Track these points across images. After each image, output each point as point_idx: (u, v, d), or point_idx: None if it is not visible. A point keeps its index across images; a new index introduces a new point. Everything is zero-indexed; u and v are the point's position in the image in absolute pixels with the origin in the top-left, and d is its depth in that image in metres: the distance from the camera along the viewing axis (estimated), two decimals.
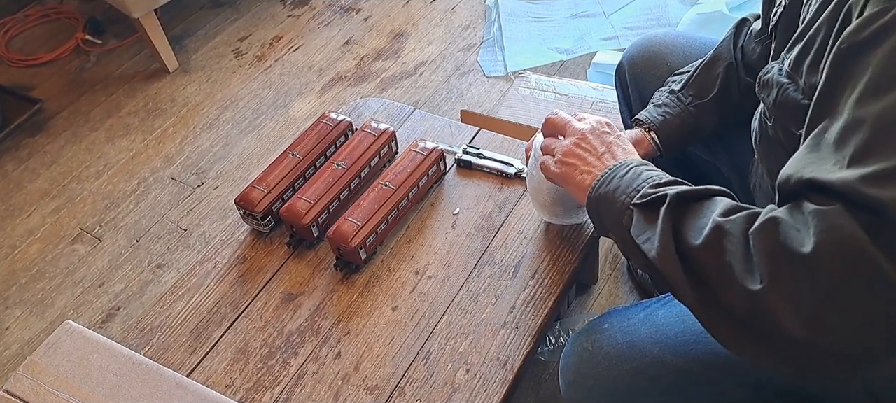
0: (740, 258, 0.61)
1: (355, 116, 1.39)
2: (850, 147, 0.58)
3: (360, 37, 2.31)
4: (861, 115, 0.58)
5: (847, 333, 0.56)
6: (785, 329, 0.58)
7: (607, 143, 0.86)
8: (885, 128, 0.56)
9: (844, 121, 0.59)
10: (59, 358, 0.96)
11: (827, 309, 0.56)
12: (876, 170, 0.55)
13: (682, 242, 0.67)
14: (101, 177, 1.97)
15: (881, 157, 0.56)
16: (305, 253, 1.18)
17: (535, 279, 1.08)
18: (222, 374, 1.04)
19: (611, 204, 0.78)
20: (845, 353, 0.57)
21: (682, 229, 0.67)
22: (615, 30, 2.13)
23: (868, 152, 0.56)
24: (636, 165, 0.80)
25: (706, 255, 0.64)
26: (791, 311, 0.57)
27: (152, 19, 2.16)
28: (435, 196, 1.23)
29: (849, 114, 0.59)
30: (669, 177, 0.76)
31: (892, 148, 0.56)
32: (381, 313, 1.07)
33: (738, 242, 0.62)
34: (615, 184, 0.79)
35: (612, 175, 0.80)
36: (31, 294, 1.70)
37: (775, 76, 0.76)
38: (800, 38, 0.73)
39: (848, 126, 0.59)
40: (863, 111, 0.58)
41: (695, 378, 0.84)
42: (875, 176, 0.55)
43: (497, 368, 0.99)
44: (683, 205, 0.69)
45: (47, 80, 2.32)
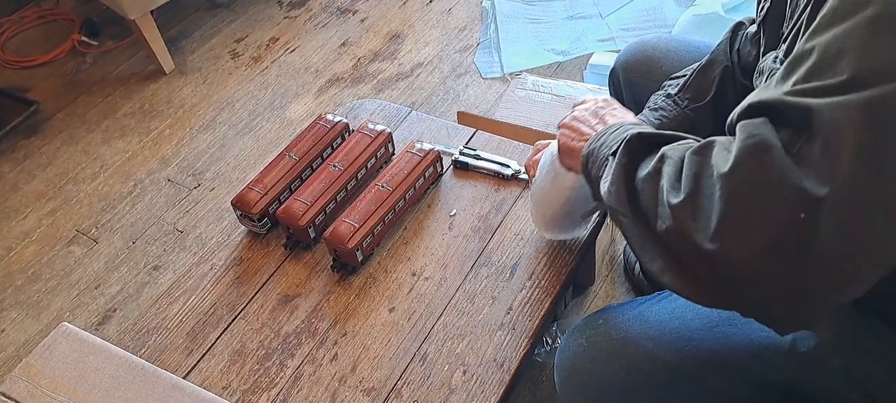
0: (672, 177, 0.61)
1: (352, 118, 1.39)
2: (794, 75, 0.58)
3: (356, 38, 2.31)
4: (809, 46, 0.58)
5: (753, 246, 0.55)
6: (696, 243, 0.57)
7: (601, 115, 0.87)
8: (830, 54, 0.56)
9: (795, 53, 0.59)
10: (55, 360, 0.96)
11: (735, 221, 0.55)
12: (811, 86, 0.56)
13: (633, 177, 0.67)
14: (97, 179, 1.97)
15: (820, 77, 0.55)
16: (302, 254, 1.18)
17: (532, 280, 1.08)
18: (219, 376, 1.04)
19: (596, 160, 0.78)
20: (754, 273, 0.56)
21: (636, 166, 0.67)
22: (611, 31, 2.14)
23: (810, 75, 0.56)
24: (630, 123, 0.80)
25: (646, 182, 0.64)
26: (702, 224, 0.57)
27: (148, 21, 2.16)
28: (432, 197, 1.23)
29: (799, 47, 0.59)
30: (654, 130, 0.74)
31: (832, 70, 0.55)
32: (378, 314, 1.07)
33: (675, 164, 0.62)
34: (602, 141, 0.79)
35: (602, 134, 0.80)
36: (27, 296, 1.70)
37: (769, 63, 0.77)
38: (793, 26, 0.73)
39: (795, 58, 0.59)
40: (812, 42, 0.58)
41: (689, 374, 0.84)
42: (809, 89, 0.55)
43: (494, 369, 0.99)
44: (644, 145, 0.69)
45: (43, 82, 2.32)
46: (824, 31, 0.58)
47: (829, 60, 0.56)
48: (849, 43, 0.55)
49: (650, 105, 1.05)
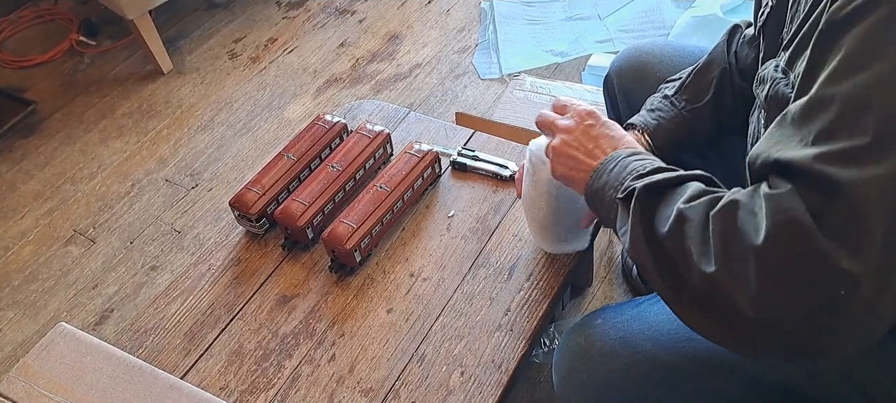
0: (699, 241, 0.62)
1: (350, 118, 1.39)
2: (815, 124, 0.58)
3: (354, 39, 2.31)
4: (830, 93, 0.58)
5: (794, 314, 0.57)
6: (738, 308, 0.59)
7: (594, 138, 0.86)
8: (852, 107, 0.56)
9: (812, 98, 0.60)
10: (53, 361, 0.96)
11: (774, 290, 0.57)
12: (837, 149, 0.56)
13: (651, 232, 0.68)
14: (94, 179, 1.97)
15: (844, 137, 0.56)
16: (300, 255, 1.18)
17: (530, 281, 1.08)
18: (216, 376, 1.04)
19: (602, 201, 0.80)
20: (796, 334, 0.58)
21: (652, 219, 0.69)
22: (610, 32, 2.14)
23: (833, 131, 0.57)
24: (624, 157, 0.80)
25: (670, 242, 0.66)
26: (742, 292, 0.58)
27: (147, 21, 2.16)
28: (430, 198, 1.23)
29: (817, 92, 0.59)
30: (653, 165, 0.76)
31: (856, 128, 0.56)
32: (376, 315, 1.07)
33: (698, 227, 0.63)
34: (603, 180, 0.79)
35: (602, 171, 0.81)
36: (24, 296, 1.69)
37: (770, 72, 0.76)
38: (792, 38, 0.73)
39: (815, 104, 0.59)
40: (832, 89, 0.58)
41: (686, 374, 0.84)
42: (835, 154, 0.56)
43: (492, 370, 0.99)
44: (652, 196, 0.70)
45: (41, 82, 2.31)
46: (844, 79, 0.57)
47: (852, 116, 0.56)
48: (871, 97, 0.56)
49: (647, 107, 1.05)
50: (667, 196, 0.69)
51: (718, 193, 0.65)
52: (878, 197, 0.54)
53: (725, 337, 0.64)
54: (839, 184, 0.55)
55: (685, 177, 0.71)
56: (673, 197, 0.68)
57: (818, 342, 0.59)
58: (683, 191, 0.68)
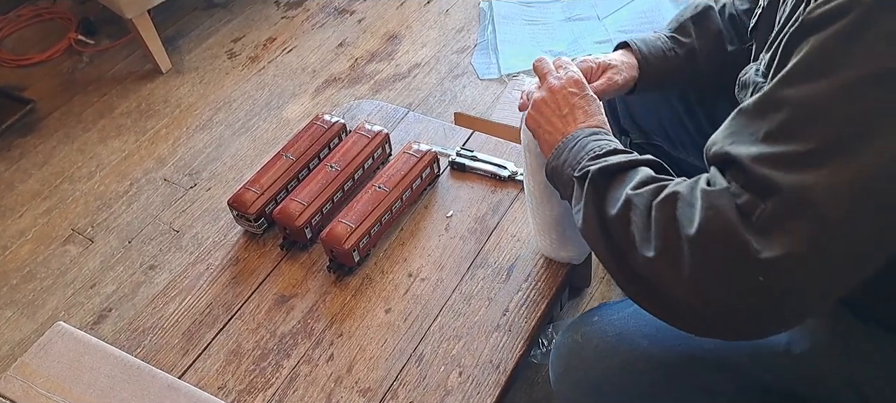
0: (642, 228, 0.67)
1: (349, 118, 1.39)
2: (765, 124, 0.61)
3: (353, 38, 2.31)
4: (784, 95, 0.60)
5: (724, 302, 0.62)
6: (672, 291, 0.64)
7: (571, 105, 0.88)
8: (801, 114, 0.59)
9: (766, 95, 0.62)
10: (51, 360, 0.96)
11: (704, 280, 0.62)
12: (778, 152, 0.59)
13: (602, 213, 0.73)
14: (93, 178, 1.96)
15: (788, 141, 0.59)
16: (298, 254, 1.18)
17: (529, 282, 1.08)
18: (215, 376, 1.04)
19: (561, 177, 0.84)
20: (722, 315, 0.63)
21: (604, 201, 0.73)
22: (609, 33, 2.14)
23: (779, 134, 0.60)
24: (585, 136, 0.83)
25: (617, 225, 0.70)
26: (676, 276, 0.63)
27: (145, 20, 2.16)
28: (428, 198, 1.23)
29: (772, 90, 0.61)
30: (609, 146, 0.79)
31: (800, 134, 0.58)
32: (374, 315, 1.07)
33: (643, 213, 0.67)
34: (563, 157, 0.83)
35: (563, 147, 0.84)
36: (22, 295, 1.69)
37: (752, 76, 0.77)
38: (773, 40, 0.74)
39: (768, 102, 0.61)
40: (786, 91, 0.60)
41: (682, 372, 0.84)
42: (776, 157, 0.59)
43: (490, 371, 0.99)
44: (605, 178, 0.74)
45: (39, 81, 2.31)
46: (799, 83, 0.60)
47: (800, 123, 0.59)
48: (819, 107, 0.58)
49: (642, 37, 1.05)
50: (618, 179, 0.73)
51: (664, 182, 0.69)
52: (806, 202, 0.57)
53: (664, 315, 0.69)
54: (774, 187, 0.58)
55: (637, 161, 0.75)
56: (624, 181, 0.72)
57: (742, 324, 0.63)
58: (633, 176, 0.72)
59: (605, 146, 0.80)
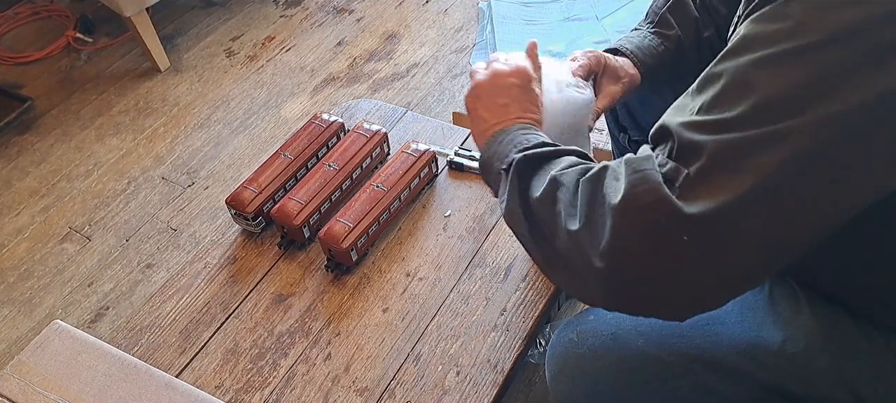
0: (568, 204, 0.65)
1: (347, 117, 1.39)
2: (701, 97, 0.61)
3: (352, 38, 2.31)
4: (719, 69, 0.61)
5: (649, 268, 0.60)
6: (592, 263, 0.62)
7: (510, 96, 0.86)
8: (735, 83, 0.59)
9: (708, 71, 0.63)
10: (48, 358, 0.96)
11: (624, 243, 0.60)
12: (708, 120, 0.59)
13: (525, 197, 0.71)
14: (90, 177, 1.96)
15: (718, 109, 0.59)
16: (296, 254, 1.17)
17: (526, 281, 1.08)
18: (212, 375, 1.04)
19: (490, 172, 0.83)
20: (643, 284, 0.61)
21: (528, 186, 0.72)
22: (607, 34, 2.14)
23: (713, 103, 0.60)
24: (514, 130, 0.82)
25: (541, 205, 0.69)
26: (596, 245, 0.61)
27: (144, 18, 2.16)
28: (426, 198, 1.23)
29: (711, 67, 0.62)
30: (537, 140, 0.78)
31: (731, 102, 0.58)
32: (372, 314, 1.07)
33: (570, 190, 0.66)
34: (493, 150, 0.82)
35: (493, 142, 0.83)
36: (19, 293, 1.69)
37: None
38: None
39: (708, 77, 0.62)
40: (723, 65, 0.61)
41: (678, 371, 0.84)
42: (705, 123, 0.59)
43: (487, 370, 0.99)
44: (530, 165, 0.73)
45: (37, 79, 2.31)
46: (734, 57, 0.60)
47: (734, 92, 0.59)
48: (752, 76, 0.58)
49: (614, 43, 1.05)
50: (543, 166, 0.72)
51: (592, 164, 0.68)
52: (731, 159, 0.57)
53: (583, 292, 0.68)
54: (699, 148, 0.58)
55: (563, 150, 0.74)
56: (549, 166, 0.71)
57: (666, 293, 0.61)
58: (559, 162, 0.71)
59: (533, 139, 0.78)
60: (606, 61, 0.99)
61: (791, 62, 0.57)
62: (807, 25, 0.57)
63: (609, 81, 0.99)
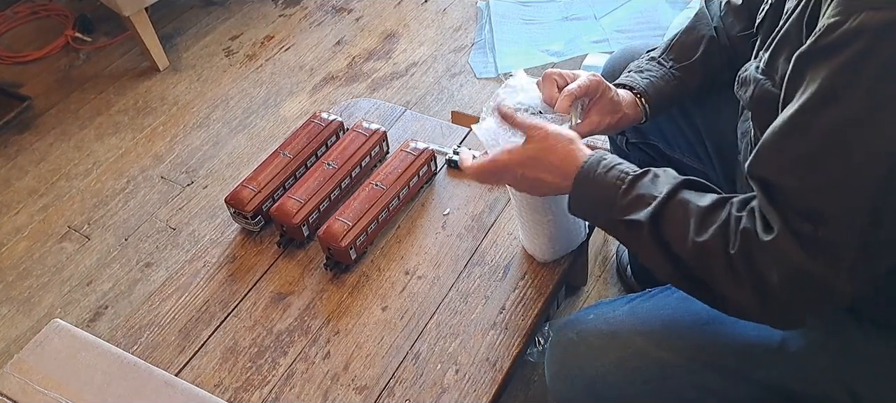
0: (728, 275, 0.72)
1: (346, 116, 1.39)
2: (795, 148, 0.67)
3: (351, 37, 2.31)
4: (807, 121, 0.65)
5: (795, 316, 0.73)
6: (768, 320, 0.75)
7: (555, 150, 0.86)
8: (827, 140, 0.64)
9: (795, 123, 0.66)
10: (47, 357, 0.96)
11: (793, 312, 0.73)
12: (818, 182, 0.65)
13: (670, 254, 0.76)
14: (89, 176, 1.96)
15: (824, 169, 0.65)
16: (295, 252, 1.18)
17: (525, 280, 1.08)
18: (211, 373, 1.04)
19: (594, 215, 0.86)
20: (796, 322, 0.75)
21: (669, 247, 0.76)
22: (606, 33, 2.14)
23: (813, 161, 0.66)
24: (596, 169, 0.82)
25: (694, 264, 0.75)
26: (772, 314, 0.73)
27: (143, 17, 2.15)
28: (425, 196, 1.23)
29: (798, 117, 0.66)
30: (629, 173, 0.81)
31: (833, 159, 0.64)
32: (371, 313, 1.08)
33: (723, 263, 0.72)
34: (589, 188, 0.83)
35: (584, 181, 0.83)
36: (18, 292, 1.69)
37: (752, 73, 0.78)
38: (774, 39, 0.74)
39: (797, 129, 0.66)
40: (809, 118, 0.65)
41: (676, 369, 0.85)
42: (818, 186, 0.66)
43: (486, 369, 0.99)
44: (658, 223, 0.77)
45: (36, 78, 2.31)
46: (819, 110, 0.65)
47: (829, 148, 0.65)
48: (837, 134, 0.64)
49: (633, 69, 1.04)
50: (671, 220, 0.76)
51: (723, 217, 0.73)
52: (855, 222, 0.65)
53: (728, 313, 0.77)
54: (825, 215, 0.65)
55: (673, 190, 0.77)
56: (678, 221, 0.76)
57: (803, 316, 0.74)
58: (685, 213, 0.75)
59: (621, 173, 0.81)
60: (604, 90, 0.96)
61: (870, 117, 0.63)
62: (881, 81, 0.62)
63: (599, 111, 0.97)
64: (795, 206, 0.67)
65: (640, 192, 0.78)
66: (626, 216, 0.78)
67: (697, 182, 0.79)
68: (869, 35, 0.60)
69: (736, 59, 0.96)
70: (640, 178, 0.79)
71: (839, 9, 0.62)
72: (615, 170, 0.81)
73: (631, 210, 0.78)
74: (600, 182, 0.81)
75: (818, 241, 0.66)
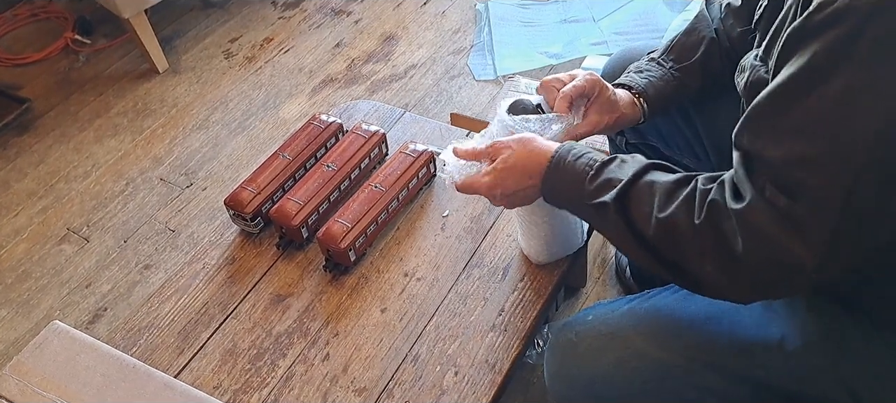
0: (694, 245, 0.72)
1: (346, 118, 1.39)
2: (782, 122, 0.67)
3: (350, 39, 2.31)
4: (796, 94, 0.65)
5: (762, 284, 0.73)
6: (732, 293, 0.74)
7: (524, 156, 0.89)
8: (814, 115, 0.64)
9: (784, 95, 0.67)
10: (46, 359, 0.96)
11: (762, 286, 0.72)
12: (801, 154, 0.65)
13: (640, 238, 0.77)
14: (88, 178, 1.96)
15: (808, 142, 0.65)
16: (295, 254, 1.18)
17: (524, 282, 1.08)
18: (210, 375, 1.04)
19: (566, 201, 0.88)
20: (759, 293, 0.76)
21: (633, 222, 0.77)
22: (604, 35, 2.14)
23: (798, 134, 0.66)
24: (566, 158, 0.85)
25: (663, 245, 0.75)
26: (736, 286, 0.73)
27: (142, 19, 2.16)
28: (424, 198, 1.23)
29: (787, 90, 0.67)
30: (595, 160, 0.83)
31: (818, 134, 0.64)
32: (370, 315, 1.08)
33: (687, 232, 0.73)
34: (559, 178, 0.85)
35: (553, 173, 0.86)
36: (17, 294, 1.69)
37: (750, 61, 0.79)
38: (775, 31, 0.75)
39: (784, 101, 0.67)
40: (799, 91, 0.65)
41: (676, 370, 0.85)
42: (799, 160, 0.65)
43: (485, 371, 0.99)
44: (624, 203, 0.78)
45: (35, 80, 2.31)
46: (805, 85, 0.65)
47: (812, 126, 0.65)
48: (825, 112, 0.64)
49: (633, 70, 1.05)
50: (636, 201, 0.77)
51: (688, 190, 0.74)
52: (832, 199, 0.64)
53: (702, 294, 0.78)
54: (802, 188, 0.65)
55: (639, 171, 0.78)
56: (643, 200, 0.76)
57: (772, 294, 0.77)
58: (650, 192, 0.76)
59: (589, 161, 0.83)
60: (601, 89, 0.97)
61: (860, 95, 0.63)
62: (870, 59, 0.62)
63: (598, 111, 0.98)
64: (774, 177, 0.67)
65: (607, 177, 0.80)
66: (594, 200, 0.80)
67: (664, 165, 0.80)
68: (860, 13, 0.61)
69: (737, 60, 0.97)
70: (608, 164, 0.82)
71: None
72: (584, 158, 0.84)
73: (598, 194, 0.80)
74: (570, 169, 0.84)
75: (791, 215, 0.66)
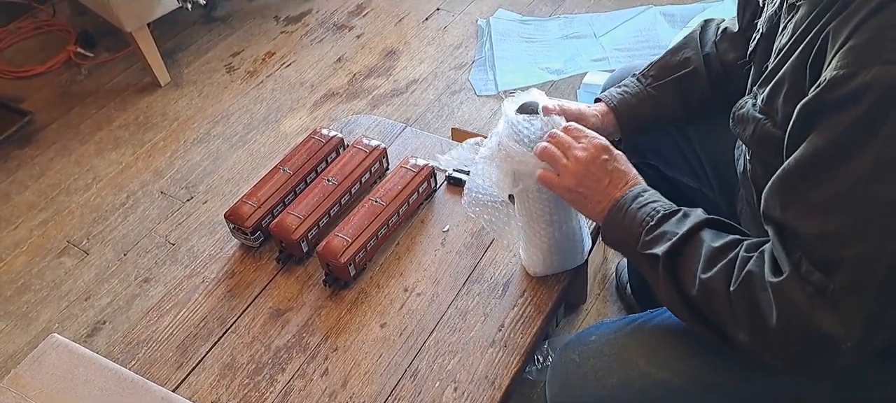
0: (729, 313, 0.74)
1: (347, 133, 1.39)
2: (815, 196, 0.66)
3: (352, 54, 2.32)
4: (826, 169, 0.65)
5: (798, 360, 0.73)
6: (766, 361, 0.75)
7: (610, 172, 0.88)
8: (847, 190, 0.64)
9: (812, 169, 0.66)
10: (44, 372, 0.95)
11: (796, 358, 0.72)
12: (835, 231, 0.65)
13: (684, 294, 0.78)
14: (89, 190, 1.96)
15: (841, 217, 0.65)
16: (294, 268, 1.17)
17: (524, 297, 1.08)
18: (209, 390, 1.03)
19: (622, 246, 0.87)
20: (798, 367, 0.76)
21: (680, 283, 0.78)
22: (605, 51, 2.15)
23: (830, 209, 0.66)
24: (630, 205, 0.84)
25: (703, 306, 0.76)
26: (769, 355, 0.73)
27: (145, 33, 2.17)
28: (425, 213, 1.23)
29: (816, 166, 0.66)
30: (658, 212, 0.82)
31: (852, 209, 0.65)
32: (370, 330, 1.07)
33: (724, 301, 0.74)
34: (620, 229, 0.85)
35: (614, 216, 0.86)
36: (16, 306, 1.69)
37: (750, 111, 0.78)
38: (772, 74, 0.75)
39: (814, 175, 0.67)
40: (827, 166, 0.65)
41: (680, 392, 0.84)
42: (834, 236, 0.65)
43: (485, 387, 0.99)
44: (674, 261, 0.79)
45: (38, 93, 2.32)
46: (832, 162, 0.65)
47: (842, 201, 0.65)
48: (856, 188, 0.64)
49: (615, 85, 1.08)
50: (685, 260, 0.78)
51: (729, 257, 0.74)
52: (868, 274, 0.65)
53: None
54: (837, 263, 0.65)
55: (693, 229, 0.79)
56: (691, 260, 0.77)
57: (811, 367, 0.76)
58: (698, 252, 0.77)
59: (651, 211, 0.83)
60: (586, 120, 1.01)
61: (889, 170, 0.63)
62: None
63: None
64: (808, 252, 0.67)
65: (664, 229, 0.80)
66: (646, 250, 0.81)
67: (721, 221, 0.80)
68: (882, 90, 0.61)
69: (729, 85, 0.97)
70: (669, 217, 0.82)
71: (848, 61, 0.62)
72: (648, 206, 0.83)
73: (652, 245, 0.80)
74: (632, 216, 0.84)
75: (825, 291, 0.66)
